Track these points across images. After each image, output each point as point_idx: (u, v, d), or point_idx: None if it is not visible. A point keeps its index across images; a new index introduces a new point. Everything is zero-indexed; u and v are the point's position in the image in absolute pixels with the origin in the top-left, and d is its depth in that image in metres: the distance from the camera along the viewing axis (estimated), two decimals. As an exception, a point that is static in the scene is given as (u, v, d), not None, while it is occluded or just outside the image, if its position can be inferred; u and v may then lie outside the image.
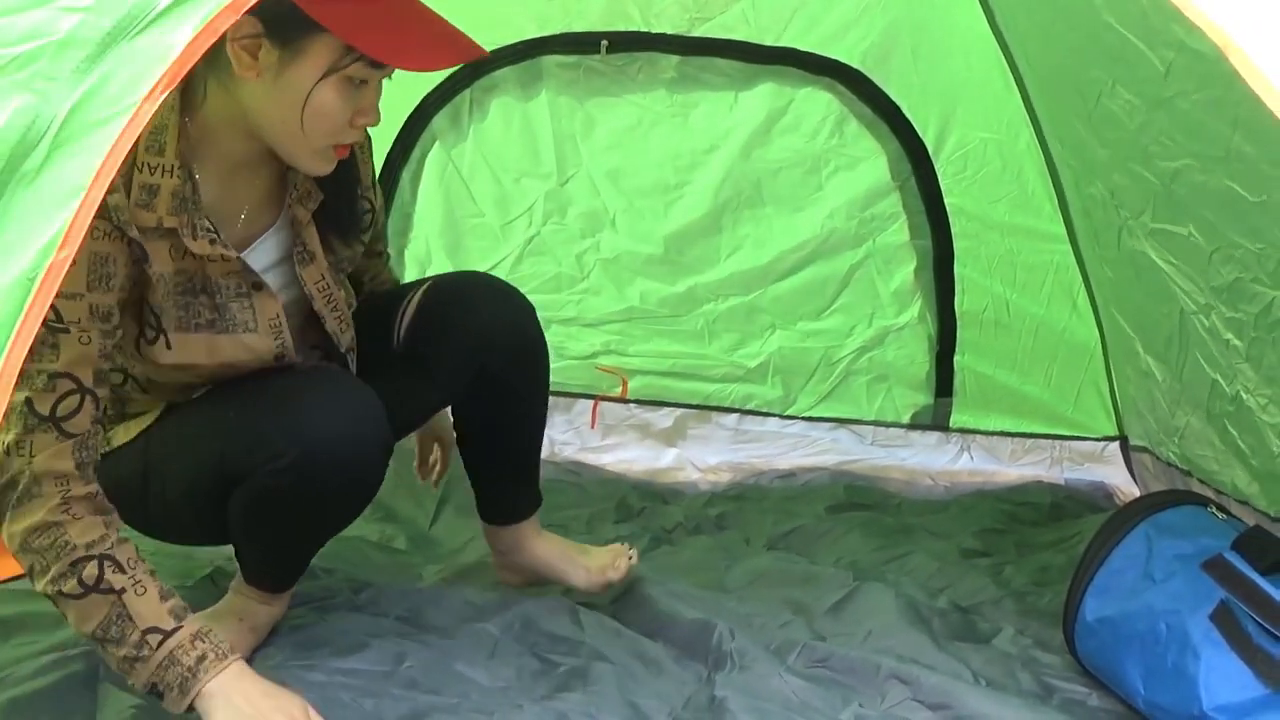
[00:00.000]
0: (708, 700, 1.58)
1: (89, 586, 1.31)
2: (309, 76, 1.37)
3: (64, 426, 1.33)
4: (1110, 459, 2.60)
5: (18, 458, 1.32)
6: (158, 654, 1.33)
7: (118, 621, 1.33)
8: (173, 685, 1.34)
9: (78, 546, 1.32)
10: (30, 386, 1.32)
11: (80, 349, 1.34)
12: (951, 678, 1.61)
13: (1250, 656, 1.45)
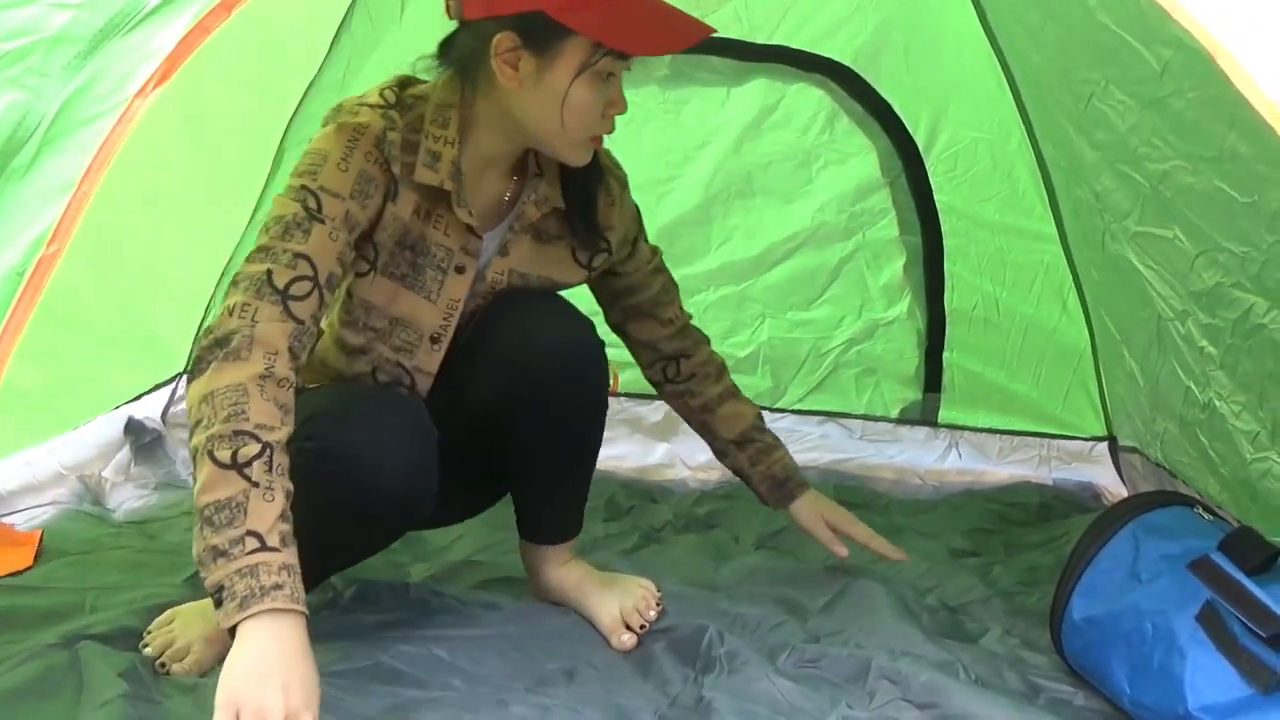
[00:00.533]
0: (694, 701, 1.58)
1: (235, 464, 1.29)
2: (564, 77, 1.51)
3: (291, 306, 1.41)
4: (1098, 459, 2.61)
5: (238, 319, 1.38)
6: (245, 559, 1.27)
7: (231, 508, 1.29)
8: (237, 595, 1.27)
9: (249, 421, 1.31)
10: (274, 260, 1.42)
11: (328, 243, 1.46)
12: (942, 675, 1.62)
13: (1236, 657, 1.45)
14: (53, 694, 1.49)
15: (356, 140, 1.52)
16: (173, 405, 2.68)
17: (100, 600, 1.77)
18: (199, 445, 1.32)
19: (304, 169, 1.51)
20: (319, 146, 1.53)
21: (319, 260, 1.44)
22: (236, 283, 1.43)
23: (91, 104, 0.98)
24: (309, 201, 1.46)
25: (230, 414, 1.30)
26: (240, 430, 1.30)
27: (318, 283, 1.44)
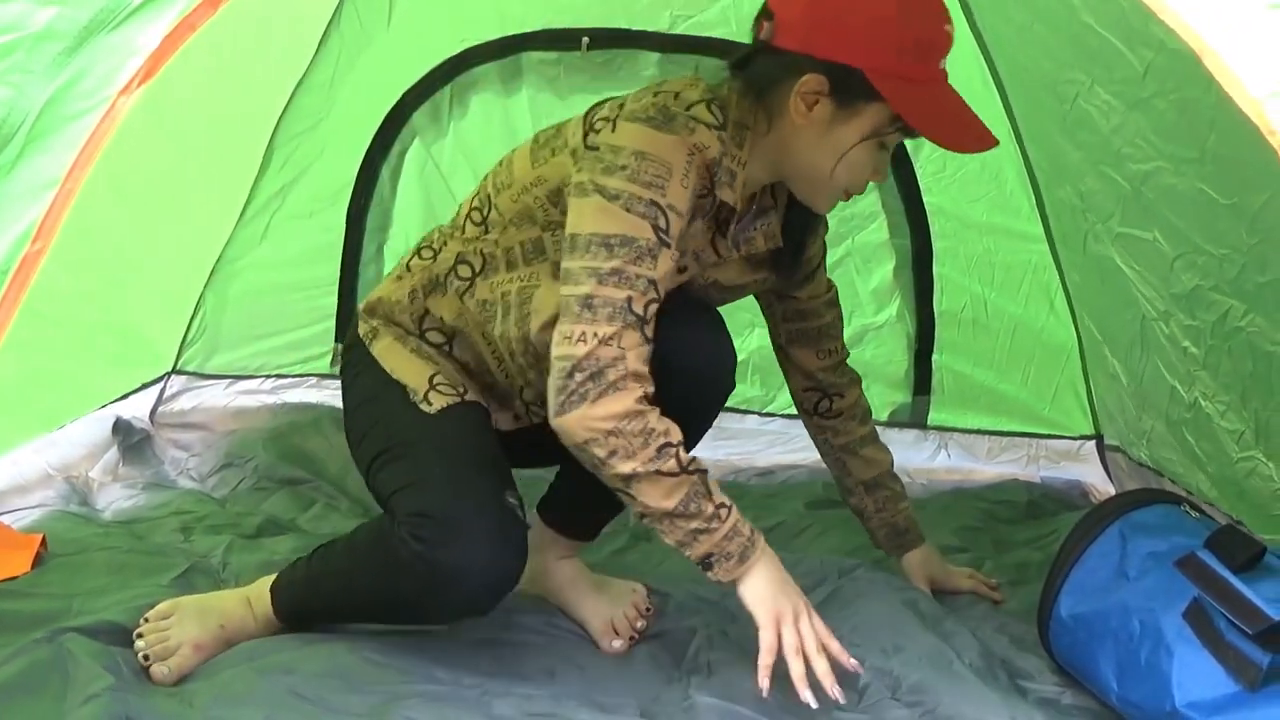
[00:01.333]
0: (679, 699, 1.58)
1: (684, 468, 1.46)
2: (854, 135, 1.55)
3: (646, 330, 1.47)
4: (1086, 457, 2.61)
5: (609, 348, 1.44)
6: (726, 524, 1.49)
7: (696, 498, 1.47)
8: (733, 554, 1.49)
9: (662, 437, 1.46)
10: (631, 286, 1.46)
11: (669, 265, 1.50)
12: (933, 674, 1.62)
13: (1222, 654, 1.46)
14: (39, 690, 1.49)
15: (693, 158, 1.52)
16: (161, 405, 2.68)
17: (87, 603, 1.76)
18: (634, 471, 1.46)
19: (649, 178, 1.49)
20: (660, 155, 1.50)
21: (662, 284, 1.49)
22: (590, 305, 1.46)
23: (76, 101, 0.98)
24: (659, 221, 1.47)
25: (645, 439, 1.45)
26: (662, 445, 1.46)
27: (660, 301, 1.49)
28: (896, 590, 1.87)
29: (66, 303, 2.28)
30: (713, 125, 1.54)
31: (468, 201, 1.74)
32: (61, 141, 0.95)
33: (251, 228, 2.68)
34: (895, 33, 1.50)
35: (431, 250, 1.73)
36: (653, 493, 1.47)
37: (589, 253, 1.48)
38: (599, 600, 1.78)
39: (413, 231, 2.72)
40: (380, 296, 1.75)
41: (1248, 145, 1.42)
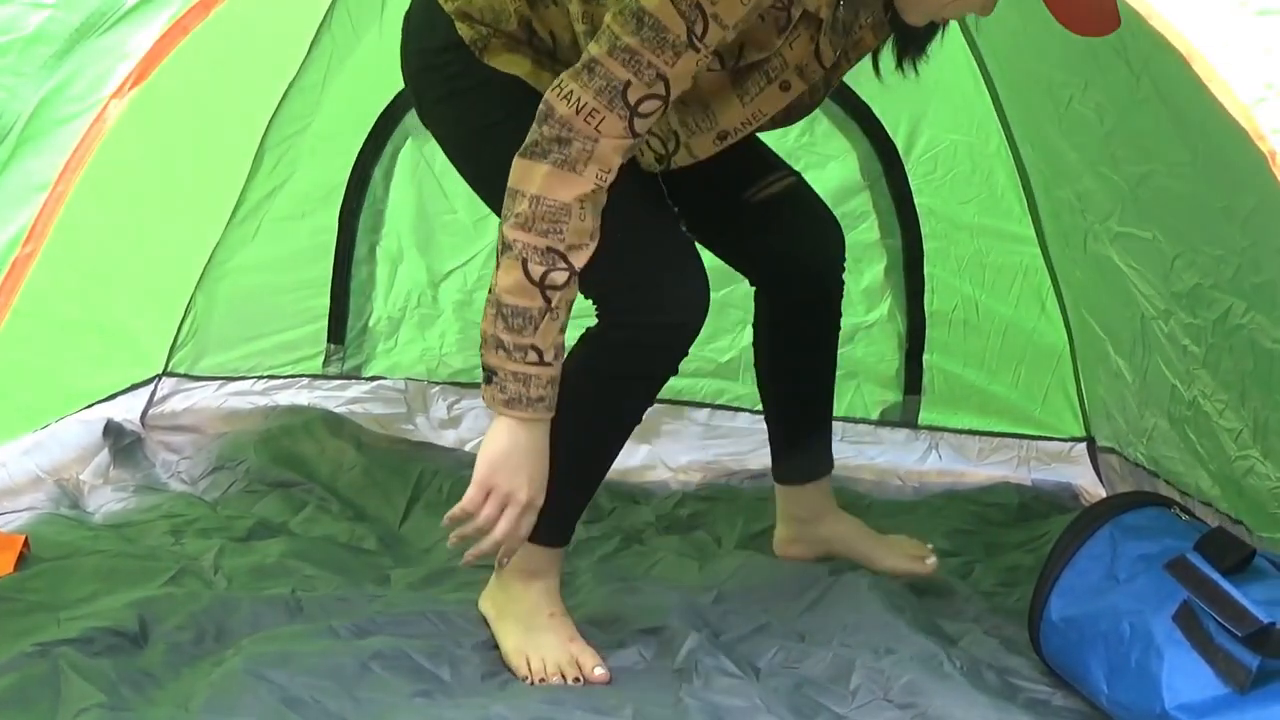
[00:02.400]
0: (672, 701, 1.59)
1: (542, 284, 1.44)
2: None
3: (635, 123, 1.43)
4: (1077, 459, 2.62)
5: (584, 121, 1.41)
6: (522, 366, 1.48)
7: (525, 318, 1.46)
8: (507, 391, 1.50)
9: (564, 241, 1.44)
10: (636, 73, 1.41)
11: (691, 68, 1.45)
12: (924, 675, 1.62)
13: (1212, 656, 1.47)
14: (30, 705, 1.48)
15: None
16: (152, 408, 2.68)
17: (77, 609, 1.76)
18: (515, 241, 1.44)
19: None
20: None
21: (676, 84, 1.44)
22: (592, 70, 1.42)
23: (67, 104, 0.98)
24: (696, 25, 1.41)
25: (548, 229, 1.42)
26: (554, 249, 1.43)
27: (666, 102, 1.45)
28: (887, 592, 1.87)
29: (55, 303, 2.27)
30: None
31: None
32: (53, 145, 0.95)
33: (243, 229, 2.67)
34: None
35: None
36: (507, 275, 1.47)
37: (622, 16, 1.44)
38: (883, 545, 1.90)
39: (405, 232, 2.72)
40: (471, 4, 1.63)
41: (1237, 149, 1.42)
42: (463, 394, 2.73)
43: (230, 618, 1.75)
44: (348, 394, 2.74)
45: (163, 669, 1.62)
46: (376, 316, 2.76)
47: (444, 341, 2.74)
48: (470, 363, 2.74)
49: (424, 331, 2.74)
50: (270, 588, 1.89)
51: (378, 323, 2.76)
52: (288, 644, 1.66)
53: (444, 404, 2.73)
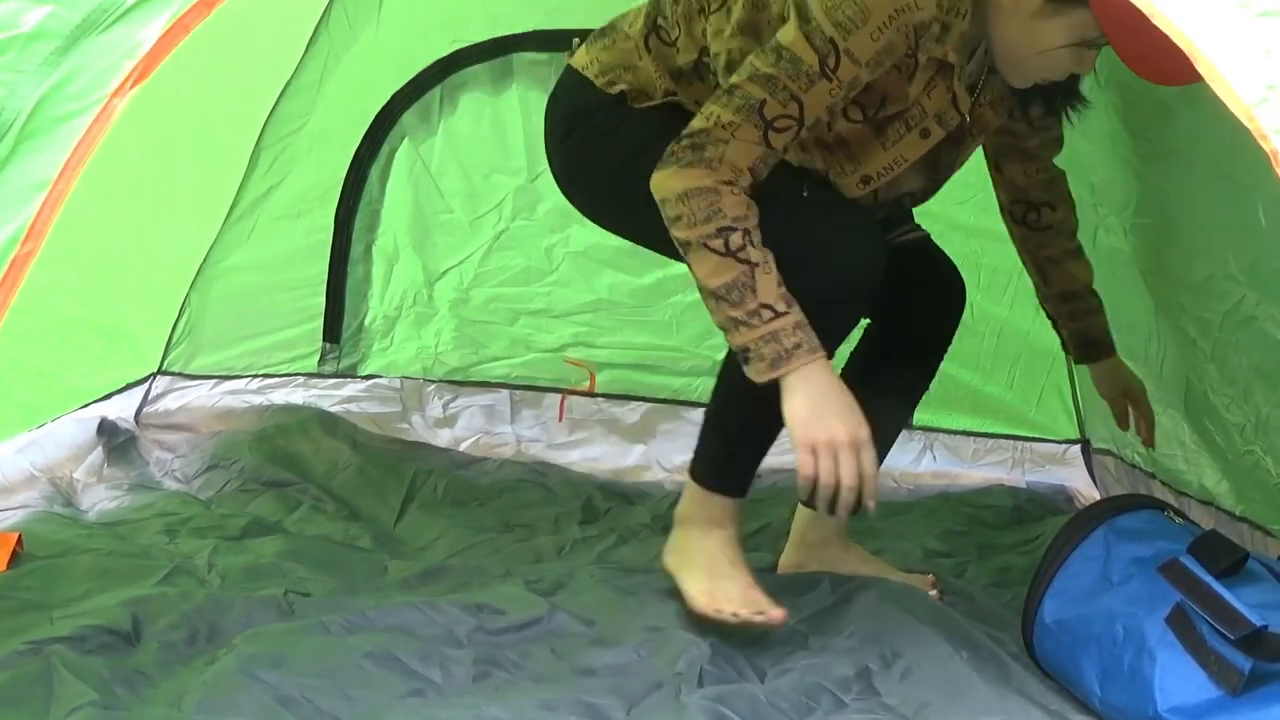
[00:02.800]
0: (670, 699, 1.59)
1: (731, 251, 1.51)
2: (1058, 37, 1.60)
3: (770, 136, 1.55)
4: (1071, 461, 2.62)
5: (719, 129, 1.54)
6: (764, 327, 1.53)
7: (740, 288, 1.52)
8: (765, 357, 1.54)
9: (727, 216, 1.52)
10: (772, 92, 1.54)
11: (825, 98, 1.56)
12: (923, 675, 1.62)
13: (1204, 659, 1.47)
14: (22, 703, 1.48)
15: (898, 16, 1.55)
16: (146, 406, 2.67)
17: (71, 608, 1.75)
18: (689, 239, 1.54)
19: (841, 18, 1.54)
20: (865, 2, 1.54)
21: (810, 109, 1.55)
22: (732, 93, 1.55)
23: (68, 101, 0.98)
24: (829, 58, 1.53)
25: (709, 214, 1.51)
26: (722, 226, 1.51)
27: (801, 124, 1.56)
28: (891, 592, 1.87)
29: (50, 301, 2.27)
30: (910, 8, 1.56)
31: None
32: (53, 142, 0.95)
33: (239, 228, 2.67)
34: None
35: (670, 37, 1.74)
36: (701, 266, 1.55)
37: (762, 52, 1.57)
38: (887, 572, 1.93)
39: (401, 231, 2.72)
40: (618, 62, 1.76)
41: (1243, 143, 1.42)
42: (458, 392, 2.73)
43: (223, 617, 1.75)
44: (343, 393, 2.74)
45: (155, 668, 1.62)
46: (372, 315, 2.76)
47: (439, 340, 2.74)
48: (465, 361, 2.74)
49: (420, 330, 2.74)
50: (264, 587, 1.89)
51: (373, 321, 2.76)
52: (281, 643, 1.65)
53: (439, 403, 2.73)
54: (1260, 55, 1.12)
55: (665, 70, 1.73)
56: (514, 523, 2.31)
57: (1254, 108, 1.11)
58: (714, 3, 1.71)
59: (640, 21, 1.77)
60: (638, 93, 1.75)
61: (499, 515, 2.35)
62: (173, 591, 1.82)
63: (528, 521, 2.32)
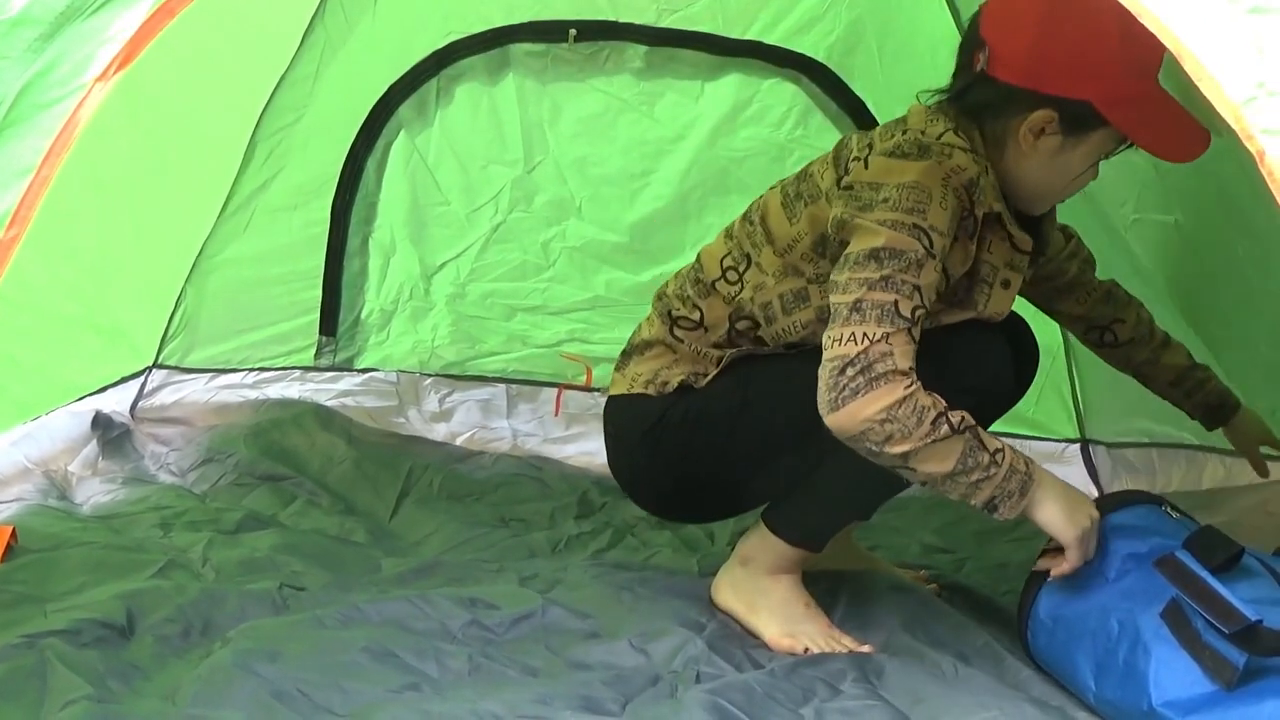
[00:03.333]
0: (668, 693, 1.58)
1: (956, 429, 1.54)
2: (1083, 161, 1.66)
3: (913, 331, 1.57)
4: (1070, 460, 2.61)
5: (880, 345, 1.54)
6: (1003, 467, 1.56)
7: (972, 453, 1.55)
8: (1014, 491, 1.57)
9: (933, 411, 1.55)
10: (898, 291, 1.56)
11: (934, 276, 1.59)
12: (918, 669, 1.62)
13: (1199, 653, 1.46)
14: (17, 696, 1.47)
15: (949, 180, 1.61)
16: (142, 400, 2.67)
17: (64, 601, 1.75)
18: (913, 449, 1.55)
19: (911, 204, 1.59)
20: (918, 181, 1.60)
21: (928, 294, 1.59)
22: (859, 309, 1.56)
23: (52, 87, 0.97)
24: (924, 240, 1.58)
25: (918, 417, 1.53)
26: (933, 419, 1.54)
27: (927, 309, 1.60)
28: (887, 587, 1.87)
29: (45, 295, 2.27)
30: (965, 148, 1.64)
31: (715, 256, 1.81)
32: (37, 128, 0.95)
33: (234, 221, 2.67)
34: (1120, 61, 1.57)
35: (692, 319, 1.80)
36: (931, 462, 1.56)
37: (858, 264, 1.59)
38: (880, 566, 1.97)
39: (398, 224, 2.72)
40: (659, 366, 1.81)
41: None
42: (454, 386, 2.73)
43: (218, 611, 1.74)
44: (339, 386, 2.74)
45: (150, 661, 1.62)
46: (369, 309, 2.75)
47: (436, 334, 2.74)
48: (463, 355, 2.74)
49: (416, 324, 2.74)
50: (259, 581, 1.88)
51: (370, 315, 2.76)
52: (276, 637, 1.65)
53: (436, 397, 2.73)
54: (1250, 53, 1.11)
55: (708, 345, 1.79)
56: (510, 517, 2.30)
57: (1241, 106, 1.10)
58: (733, 273, 1.78)
59: (653, 327, 1.84)
60: (695, 375, 1.79)
61: (495, 509, 2.34)
62: (167, 585, 1.82)
63: (523, 516, 2.32)
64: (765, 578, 1.79)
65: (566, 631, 1.75)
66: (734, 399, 1.75)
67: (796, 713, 1.54)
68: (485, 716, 1.48)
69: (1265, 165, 1.09)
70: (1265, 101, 1.10)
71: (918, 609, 1.83)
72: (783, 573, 1.79)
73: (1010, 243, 1.70)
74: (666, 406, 1.78)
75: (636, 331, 1.88)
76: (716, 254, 1.81)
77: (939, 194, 1.59)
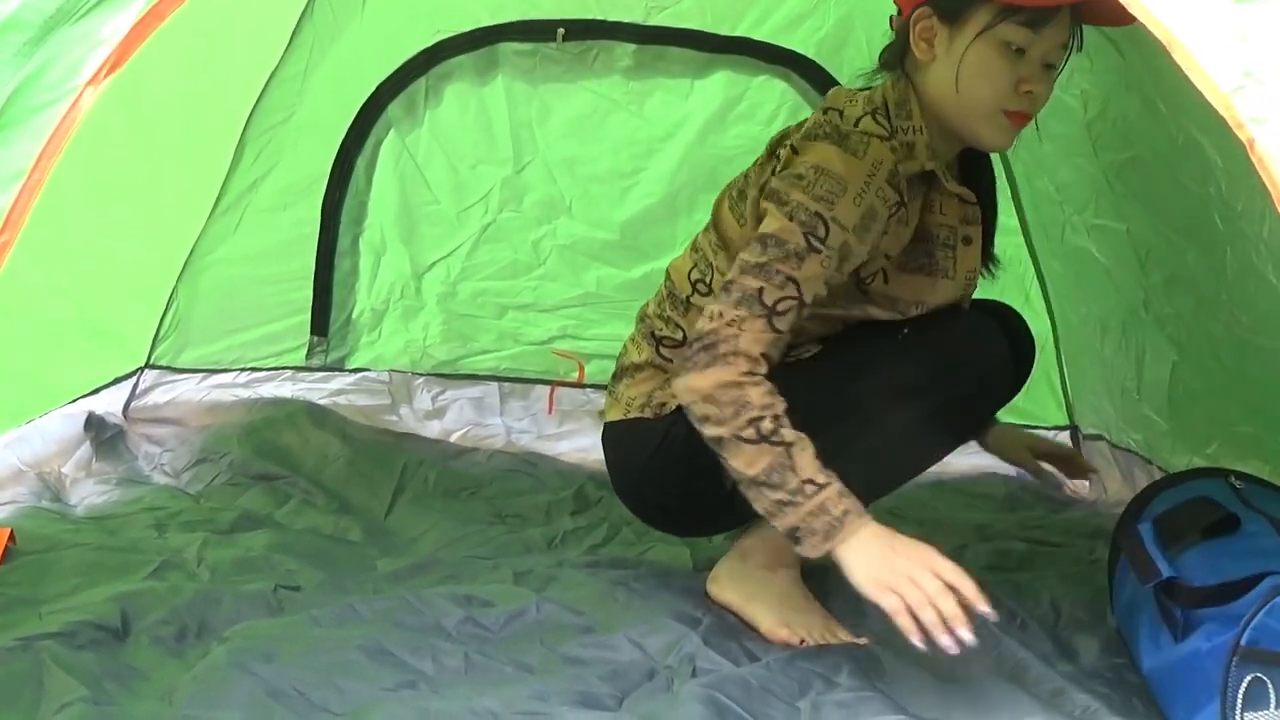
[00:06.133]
0: (663, 689, 1.59)
1: (763, 437, 1.53)
2: (978, 50, 1.62)
3: (774, 320, 1.59)
4: (1060, 448, 2.62)
5: (725, 326, 1.58)
6: (810, 502, 1.53)
7: (779, 470, 1.53)
8: (817, 531, 1.53)
9: (755, 405, 1.55)
10: (768, 279, 1.59)
11: (819, 270, 1.60)
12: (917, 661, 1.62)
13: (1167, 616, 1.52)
14: (12, 699, 1.47)
15: (873, 176, 1.62)
16: (134, 400, 2.66)
17: (59, 603, 1.75)
18: (722, 435, 1.56)
19: (822, 192, 1.61)
20: (837, 171, 1.61)
21: (807, 286, 1.60)
22: (729, 289, 1.60)
23: (42, 91, 0.97)
24: (817, 230, 1.59)
25: (736, 408, 1.54)
26: (751, 417, 1.54)
27: (802, 302, 1.61)
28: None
29: (35, 296, 2.26)
30: (882, 136, 1.65)
31: (683, 270, 1.83)
32: (27, 132, 0.94)
33: (224, 221, 2.66)
34: None
35: (675, 338, 1.81)
36: (738, 459, 1.56)
37: (748, 246, 1.64)
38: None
39: (388, 223, 2.71)
40: (650, 389, 1.81)
41: (1218, 136, 1.43)
42: (447, 385, 2.73)
43: (213, 611, 1.74)
44: (331, 386, 2.74)
45: (146, 663, 1.61)
46: (360, 308, 2.75)
47: (428, 333, 2.74)
48: (454, 354, 2.74)
49: (408, 323, 2.74)
50: (254, 581, 1.88)
51: (361, 314, 2.76)
52: (271, 636, 1.65)
53: (428, 395, 2.73)
54: (1237, 41, 1.12)
55: None
56: (505, 513, 2.31)
57: (1230, 95, 1.11)
58: (702, 285, 1.79)
59: (641, 350, 1.85)
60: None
61: (490, 505, 2.34)
62: (162, 586, 1.82)
63: (519, 511, 2.32)
64: (764, 571, 1.80)
65: (562, 627, 1.76)
66: None
67: (793, 706, 1.55)
68: (482, 713, 1.48)
69: (1255, 153, 1.10)
70: (1253, 90, 1.11)
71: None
72: (781, 567, 1.79)
73: (959, 198, 1.72)
74: (667, 428, 1.77)
75: (624, 353, 1.89)
76: (684, 269, 1.83)
77: (855, 190, 1.61)
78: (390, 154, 2.67)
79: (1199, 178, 1.61)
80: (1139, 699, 1.57)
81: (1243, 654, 1.36)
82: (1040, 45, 1.62)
